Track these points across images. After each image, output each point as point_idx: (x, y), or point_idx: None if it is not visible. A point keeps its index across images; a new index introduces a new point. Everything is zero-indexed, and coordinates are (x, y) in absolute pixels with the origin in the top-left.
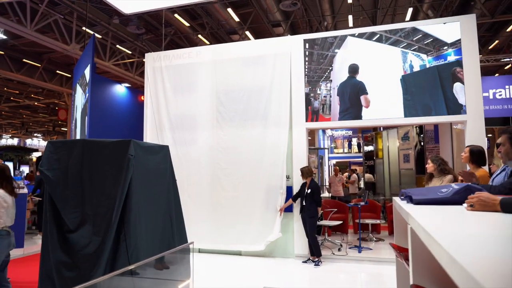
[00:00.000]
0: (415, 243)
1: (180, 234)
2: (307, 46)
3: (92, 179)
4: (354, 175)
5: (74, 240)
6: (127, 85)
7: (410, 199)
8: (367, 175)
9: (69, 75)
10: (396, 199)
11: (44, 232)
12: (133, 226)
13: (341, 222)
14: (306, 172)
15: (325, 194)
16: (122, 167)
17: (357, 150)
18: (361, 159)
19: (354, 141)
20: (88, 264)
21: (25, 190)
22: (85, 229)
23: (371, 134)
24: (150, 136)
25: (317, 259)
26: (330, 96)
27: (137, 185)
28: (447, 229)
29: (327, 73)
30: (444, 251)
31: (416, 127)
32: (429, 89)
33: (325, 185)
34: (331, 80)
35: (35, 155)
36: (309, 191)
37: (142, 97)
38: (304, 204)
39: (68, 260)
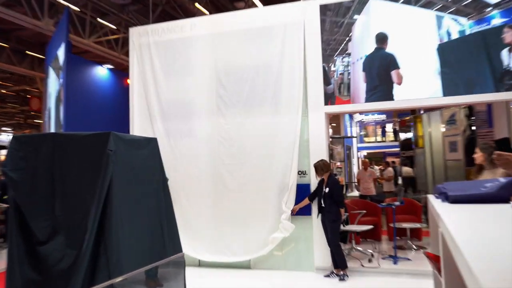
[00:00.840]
0: (447, 251)
1: (173, 244)
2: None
3: (65, 180)
4: (390, 169)
5: (45, 254)
6: (110, 66)
7: (446, 197)
8: (405, 169)
9: (42, 57)
10: (430, 197)
11: (9, 244)
12: (115, 236)
13: (372, 226)
14: (321, 167)
15: (354, 193)
16: (100, 165)
17: (392, 138)
18: (398, 149)
19: (389, 127)
20: (62, 282)
21: None
22: (57, 240)
23: (409, 118)
24: (138, 127)
25: (342, 273)
26: (349, 73)
27: (119, 186)
28: (477, 234)
29: (343, 45)
30: (466, 263)
31: (464, 107)
32: (473, 60)
33: (354, 182)
34: (349, 54)
35: (3, 153)
36: (327, 190)
37: (128, 80)
38: (323, 205)
39: (38, 278)
